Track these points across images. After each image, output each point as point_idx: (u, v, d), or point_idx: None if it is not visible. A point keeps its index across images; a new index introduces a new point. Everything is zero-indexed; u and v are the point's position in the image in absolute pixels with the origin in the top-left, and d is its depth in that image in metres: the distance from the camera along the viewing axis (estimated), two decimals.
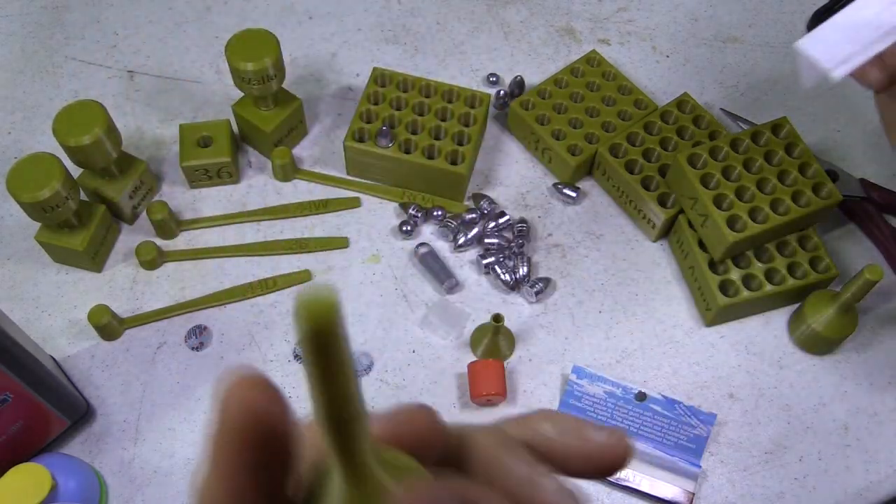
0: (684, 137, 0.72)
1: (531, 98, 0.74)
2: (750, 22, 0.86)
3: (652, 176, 0.70)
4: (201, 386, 0.65)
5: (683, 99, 0.74)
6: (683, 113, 0.73)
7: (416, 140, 0.71)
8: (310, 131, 0.78)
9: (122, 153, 0.69)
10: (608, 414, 0.63)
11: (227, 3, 0.86)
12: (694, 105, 0.73)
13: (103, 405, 0.64)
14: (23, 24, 0.84)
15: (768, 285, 0.65)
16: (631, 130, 0.72)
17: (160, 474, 0.61)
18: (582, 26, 0.85)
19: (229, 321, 0.67)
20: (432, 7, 0.86)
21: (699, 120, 0.73)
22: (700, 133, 0.72)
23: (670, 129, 0.72)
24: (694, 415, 0.63)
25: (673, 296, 0.69)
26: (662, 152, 0.71)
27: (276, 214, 0.72)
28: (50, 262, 0.70)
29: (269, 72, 0.67)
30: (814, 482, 0.62)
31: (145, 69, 0.82)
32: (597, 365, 0.66)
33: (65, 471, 0.57)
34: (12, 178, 0.61)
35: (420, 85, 0.73)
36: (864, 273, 0.60)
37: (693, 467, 0.61)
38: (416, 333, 0.67)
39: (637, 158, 0.70)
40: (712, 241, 0.65)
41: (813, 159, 0.67)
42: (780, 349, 0.67)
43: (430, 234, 0.72)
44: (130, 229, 0.72)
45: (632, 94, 0.75)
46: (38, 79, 0.81)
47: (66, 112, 0.64)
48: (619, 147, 0.71)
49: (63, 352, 0.66)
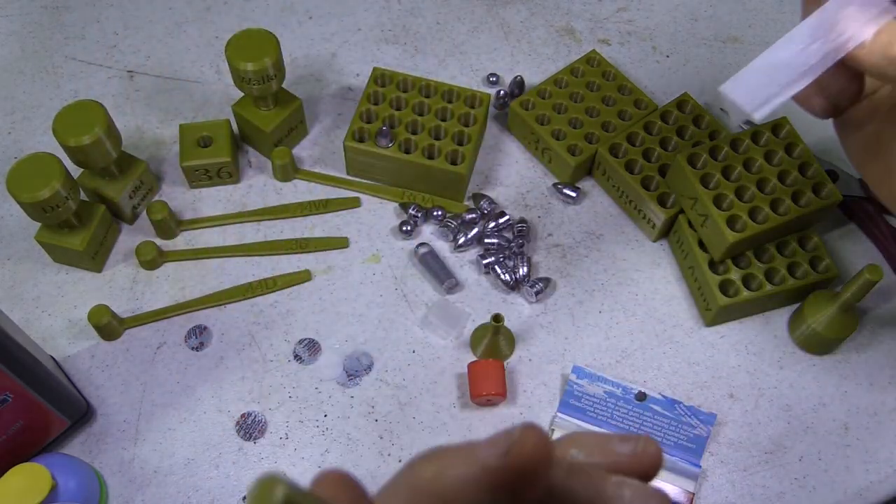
0: (684, 137, 0.72)
1: (531, 98, 0.74)
2: (750, 22, 0.86)
3: (652, 176, 0.70)
4: (201, 386, 0.65)
5: (683, 99, 0.74)
6: (683, 113, 0.73)
7: (416, 140, 0.71)
8: (310, 131, 0.78)
9: (122, 153, 0.69)
10: (608, 414, 0.63)
11: (227, 3, 0.86)
12: (694, 105, 0.73)
13: (103, 405, 0.64)
14: (23, 24, 0.84)
15: (768, 285, 0.65)
16: (631, 130, 0.72)
17: (160, 474, 0.61)
18: (582, 26, 0.85)
19: (229, 321, 0.67)
20: (432, 7, 0.86)
21: (699, 120, 0.73)
22: (700, 133, 0.72)
23: (670, 129, 0.72)
24: (694, 415, 0.63)
25: (673, 296, 0.69)
26: (662, 152, 0.71)
27: (276, 214, 0.72)
28: (50, 262, 0.70)
29: (269, 72, 0.67)
30: (814, 482, 0.62)
31: (145, 69, 0.82)
32: (597, 365, 0.66)
33: (65, 471, 0.57)
34: (12, 178, 0.61)
35: (420, 85, 0.73)
36: (864, 273, 0.60)
37: (693, 467, 0.61)
38: (416, 333, 0.67)
39: (637, 158, 0.70)
40: (712, 241, 0.65)
41: (813, 159, 0.67)
42: (780, 349, 0.67)
43: (430, 234, 0.72)
44: (130, 229, 0.72)
45: (632, 94, 0.75)
46: (38, 79, 0.81)
47: (66, 112, 0.64)
48: (619, 147, 0.71)
49: (63, 352, 0.66)
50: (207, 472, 0.61)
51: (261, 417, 0.63)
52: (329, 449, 0.62)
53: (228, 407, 0.64)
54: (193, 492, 0.61)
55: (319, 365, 0.65)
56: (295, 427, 0.63)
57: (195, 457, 0.62)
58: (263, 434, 0.63)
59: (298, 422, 0.63)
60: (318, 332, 0.67)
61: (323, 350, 0.66)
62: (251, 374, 0.65)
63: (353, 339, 0.67)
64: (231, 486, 0.61)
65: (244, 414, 0.63)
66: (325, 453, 0.62)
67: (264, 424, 0.63)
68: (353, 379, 0.65)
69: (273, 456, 0.62)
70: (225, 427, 0.63)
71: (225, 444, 0.62)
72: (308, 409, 0.64)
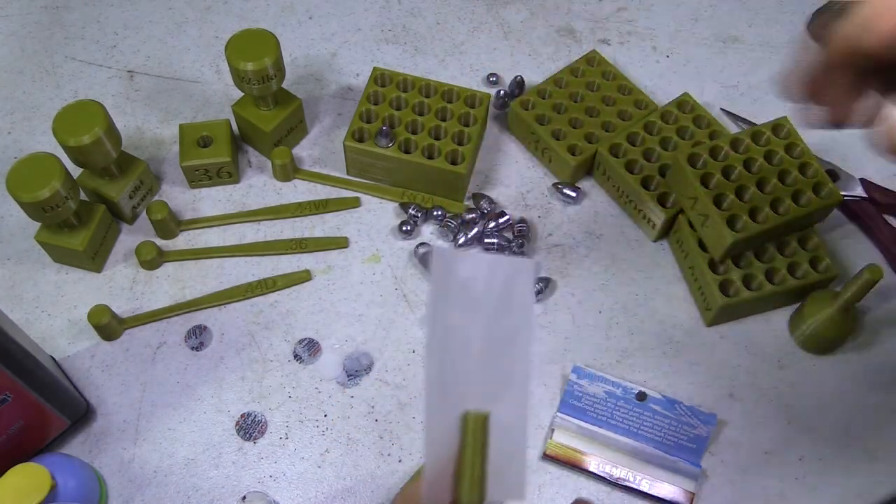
0: (684, 137, 0.72)
1: (531, 98, 0.74)
2: (750, 22, 0.86)
3: (652, 176, 0.70)
4: (201, 386, 0.65)
5: (683, 99, 0.74)
6: (683, 113, 0.73)
7: (415, 140, 0.71)
8: (310, 131, 0.78)
9: (122, 153, 0.69)
10: (608, 414, 0.63)
11: (227, 3, 0.86)
12: (694, 105, 0.73)
13: (103, 405, 0.64)
14: (23, 24, 0.84)
15: (768, 285, 0.65)
16: (631, 130, 0.72)
17: (160, 474, 0.61)
18: (582, 26, 0.85)
19: (229, 321, 0.67)
20: (432, 7, 0.86)
21: (699, 120, 0.73)
22: (700, 133, 0.72)
23: (670, 129, 0.72)
24: (694, 415, 0.63)
25: (673, 296, 0.69)
26: (662, 152, 0.71)
27: (276, 214, 0.72)
28: (50, 262, 0.70)
29: (269, 72, 0.67)
30: (814, 482, 0.62)
31: (145, 69, 0.82)
32: (597, 365, 0.66)
33: (65, 471, 0.57)
34: (12, 178, 0.61)
35: (420, 85, 0.73)
36: (864, 273, 0.60)
37: (693, 467, 0.61)
38: (416, 333, 0.67)
39: (637, 158, 0.70)
40: (712, 241, 0.65)
41: (813, 159, 0.67)
42: (780, 349, 0.67)
43: (430, 234, 0.72)
44: (130, 229, 0.72)
45: (632, 94, 0.75)
46: (38, 79, 0.81)
47: (66, 112, 0.64)
48: (619, 147, 0.71)
49: (63, 352, 0.66)
50: (207, 472, 0.61)
51: (261, 417, 0.63)
52: (329, 449, 0.62)
53: (228, 407, 0.64)
54: (193, 492, 0.61)
55: (319, 365, 0.65)
56: (295, 427, 0.63)
57: (195, 457, 0.62)
58: (263, 434, 0.63)
59: (298, 422, 0.63)
60: (317, 332, 0.67)
61: (323, 350, 0.66)
62: (251, 374, 0.65)
63: (353, 339, 0.67)
64: (231, 486, 0.61)
65: (244, 414, 0.63)
66: (325, 453, 0.62)
67: (264, 424, 0.63)
68: (353, 379, 0.65)
69: (273, 456, 0.62)
70: (225, 427, 0.63)
71: (225, 444, 0.62)
72: (308, 409, 0.64)
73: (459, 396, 0.36)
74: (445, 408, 0.36)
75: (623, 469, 0.61)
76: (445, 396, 0.36)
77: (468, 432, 0.36)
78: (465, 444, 0.36)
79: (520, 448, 0.37)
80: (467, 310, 0.36)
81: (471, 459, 0.35)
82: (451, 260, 0.36)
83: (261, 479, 0.61)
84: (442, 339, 0.36)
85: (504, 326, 0.36)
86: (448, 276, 0.36)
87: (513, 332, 0.36)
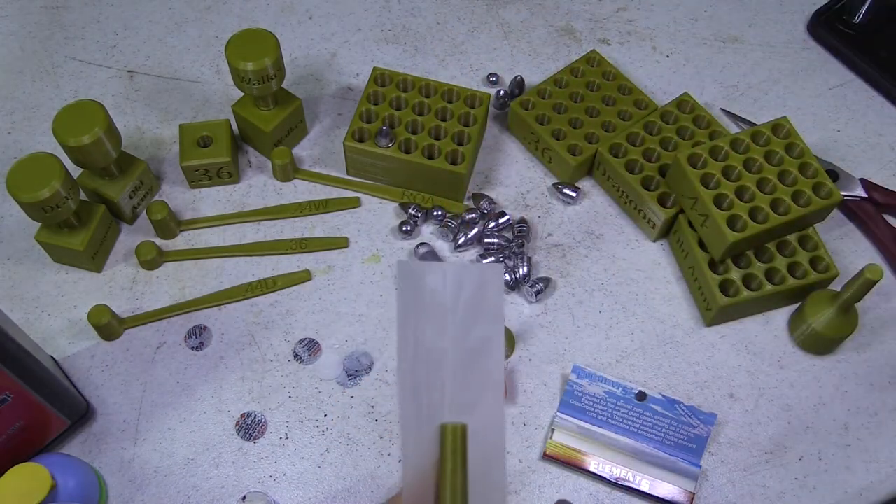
0: (684, 137, 0.72)
1: (531, 98, 0.74)
2: (750, 22, 0.86)
3: (652, 176, 0.70)
4: (201, 386, 0.65)
5: (683, 99, 0.74)
6: (683, 113, 0.73)
7: (415, 140, 0.71)
8: (310, 131, 0.78)
9: (122, 153, 0.69)
10: (608, 414, 0.63)
11: (227, 3, 0.86)
12: (694, 105, 0.73)
13: (103, 405, 0.64)
14: (23, 24, 0.84)
15: (768, 285, 0.65)
16: (631, 130, 0.72)
17: (160, 474, 0.61)
18: (582, 26, 0.85)
19: (229, 321, 0.67)
20: (432, 7, 0.86)
21: (699, 120, 0.73)
22: (700, 133, 0.72)
23: (670, 129, 0.72)
24: (694, 415, 0.63)
25: (673, 296, 0.69)
26: (662, 152, 0.71)
27: (276, 214, 0.72)
28: (50, 262, 0.70)
29: (269, 72, 0.67)
30: (814, 482, 0.62)
31: (145, 69, 0.82)
32: (597, 365, 0.66)
33: (65, 471, 0.57)
34: (12, 178, 0.61)
35: (420, 85, 0.73)
36: (864, 273, 0.60)
37: (693, 467, 0.61)
38: None
39: (637, 158, 0.70)
40: (712, 241, 0.65)
41: (813, 159, 0.67)
42: (780, 349, 0.67)
43: (430, 234, 0.72)
44: (130, 229, 0.72)
45: (632, 94, 0.75)
46: (38, 79, 0.81)
47: (66, 112, 0.64)
48: (619, 147, 0.71)
49: (63, 352, 0.66)
50: (207, 472, 0.61)
51: (261, 417, 0.63)
52: (329, 449, 0.62)
53: (228, 407, 0.64)
54: (193, 492, 0.61)
55: (319, 365, 0.65)
56: (295, 427, 0.63)
57: (195, 457, 0.62)
58: (263, 434, 0.63)
59: (298, 422, 0.63)
60: (317, 332, 0.67)
61: (323, 350, 0.66)
62: (251, 374, 0.65)
63: (353, 339, 0.67)
64: (231, 486, 0.61)
65: (244, 414, 0.63)
66: (325, 453, 0.62)
67: (264, 424, 0.63)
68: (353, 379, 0.65)
69: (273, 456, 0.62)
70: (225, 427, 0.63)
71: (225, 444, 0.62)
72: (308, 409, 0.64)
73: (435, 409, 0.36)
74: (421, 421, 0.36)
75: (623, 469, 0.61)
76: (421, 410, 0.36)
77: (446, 444, 0.35)
78: (444, 455, 0.35)
79: (499, 456, 0.36)
80: (437, 321, 0.36)
81: (451, 471, 0.35)
82: (416, 272, 0.36)
83: (261, 479, 0.61)
84: (414, 353, 0.36)
85: (476, 334, 0.36)
86: (415, 288, 0.36)
87: (485, 339, 0.36)
